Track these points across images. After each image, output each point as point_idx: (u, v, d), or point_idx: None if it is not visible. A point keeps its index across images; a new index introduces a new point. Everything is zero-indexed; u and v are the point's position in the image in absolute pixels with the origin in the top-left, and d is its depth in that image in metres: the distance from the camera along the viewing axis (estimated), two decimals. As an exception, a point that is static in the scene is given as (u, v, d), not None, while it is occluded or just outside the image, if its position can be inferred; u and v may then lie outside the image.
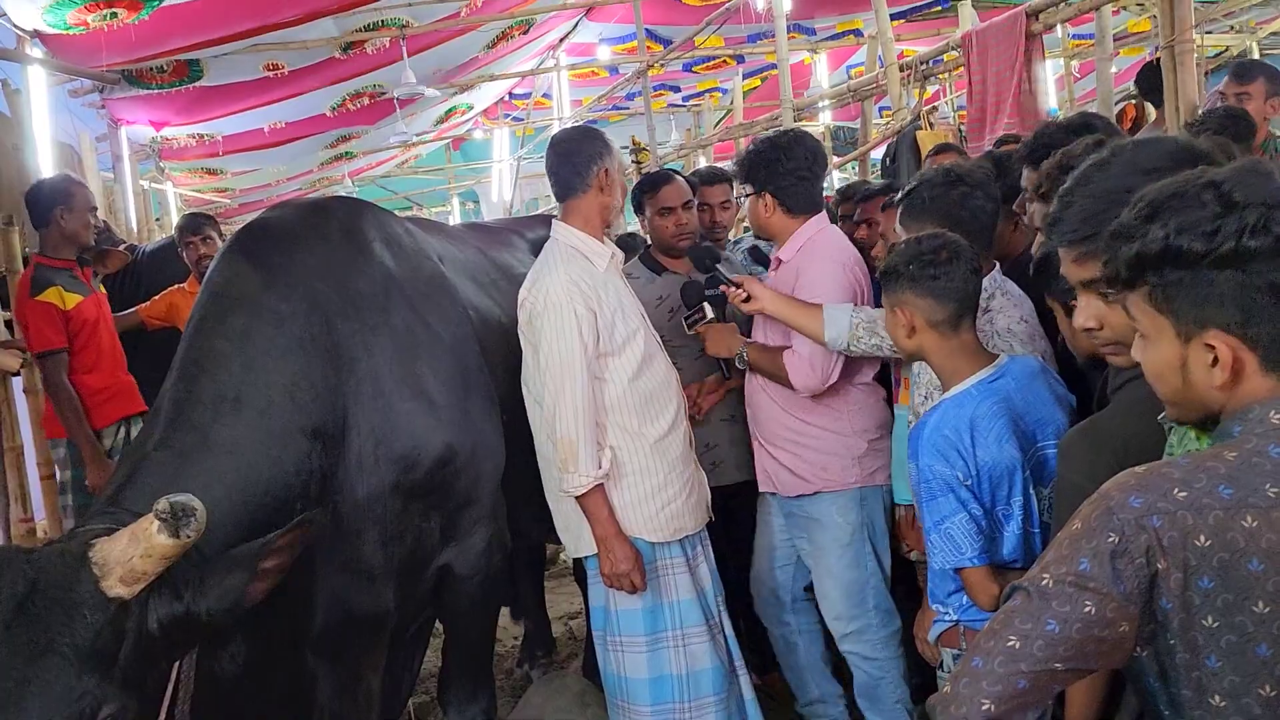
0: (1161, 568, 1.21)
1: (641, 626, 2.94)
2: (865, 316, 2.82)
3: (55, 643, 1.77)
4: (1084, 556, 1.23)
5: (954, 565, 2.14)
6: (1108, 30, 5.01)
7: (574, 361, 2.79)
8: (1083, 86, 10.73)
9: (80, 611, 1.81)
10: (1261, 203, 1.23)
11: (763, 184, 3.08)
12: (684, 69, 11.62)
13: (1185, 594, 1.21)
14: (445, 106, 11.49)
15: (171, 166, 9.94)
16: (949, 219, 2.50)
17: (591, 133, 3.08)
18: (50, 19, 6.06)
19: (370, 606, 2.68)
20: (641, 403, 2.94)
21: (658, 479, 2.94)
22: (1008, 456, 2.15)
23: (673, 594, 2.97)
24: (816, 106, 8.62)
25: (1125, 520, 1.23)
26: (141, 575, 1.84)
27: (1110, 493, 1.26)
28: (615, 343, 2.89)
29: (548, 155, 3.03)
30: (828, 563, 3.14)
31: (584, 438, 2.79)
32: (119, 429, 4.34)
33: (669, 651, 2.95)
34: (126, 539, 1.84)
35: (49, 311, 4.09)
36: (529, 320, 2.88)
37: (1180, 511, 1.21)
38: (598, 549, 2.88)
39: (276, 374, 2.50)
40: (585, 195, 2.95)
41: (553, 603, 4.88)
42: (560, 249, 2.95)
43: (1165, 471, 1.26)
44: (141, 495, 2.13)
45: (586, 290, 2.85)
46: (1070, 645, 1.22)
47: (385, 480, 2.65)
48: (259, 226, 2.87)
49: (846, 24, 10.55)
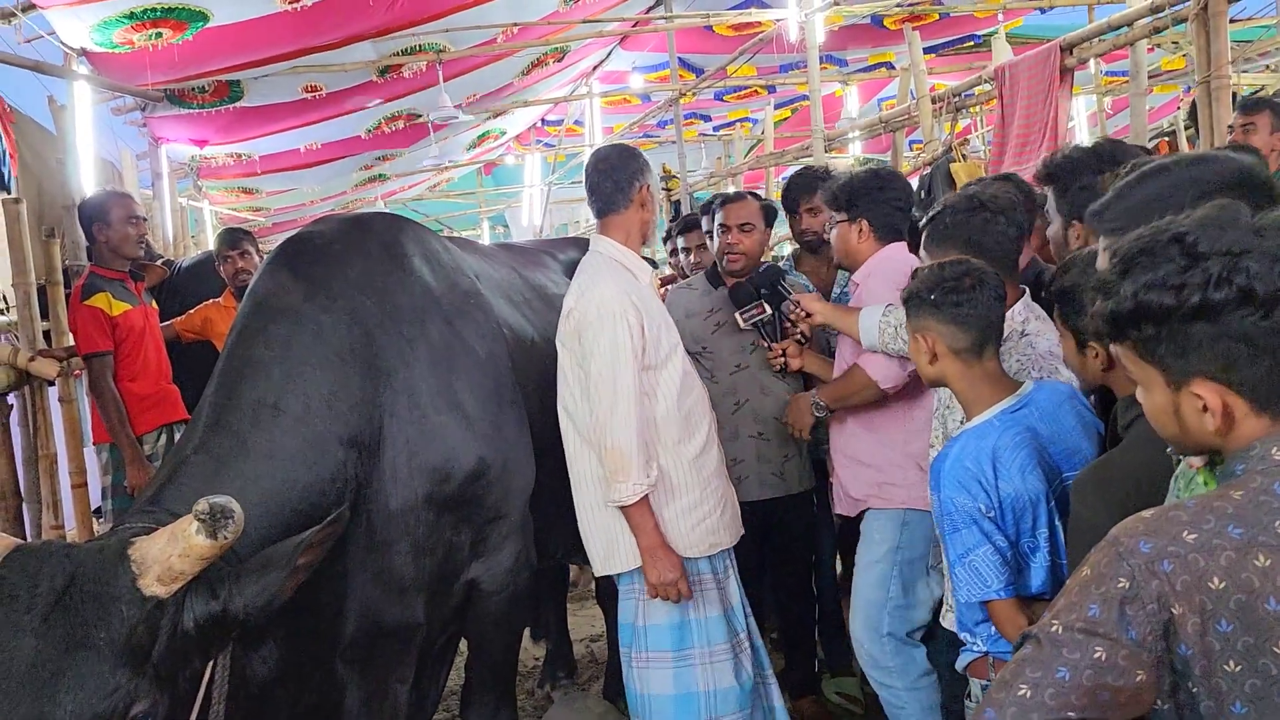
0: (1177, 613, 1.19)
1: (669, 642, 2.94)
2: (893, 319, 2.87)
3: (91, 637, 1.80)
4: (1093, 602, 1.22)
5: (980, 598, 2.11)
6: (1143, 65, 5.00)
7: (627, 370, 2.81)
8: (1115, 123, 10.70)
9: (116, 608, 1.83)
10: (1225, 252, 1.24)
11: (861, 211, 3.14)
12: (715, 98, 11.70)
13: (1204, 639, 1.19)
14: (478, 131, 11.62)
15: (209, 185, 10.09)
16: (971, 245, 2.50)
17: (632, 151, 3.13)
18: (97, 37, 6.20)
19: (400, 618, 2.70)
20: (683, 418, 2.96)
21: (695, 494, 2.96)
22: (1031, 488, 2.12)
23: (701, 610, 2.97)
24: (847, 138, 8.63)
25: (1135, 565, 1.21)
26: (179, 575, 1.86)
27: (1120, 538, 1.25)
28: (660, 355, 2.92)
29: (588, 170, 3.08)
30: (856, 577, 3.15)
31: (635, 445, 2.80)
32: (159, 435, 4.43)
33: (696, 669, 2.95)
34: (165, 538, 1.87)
35: (96, 316, 4.22)
36: (576, 331, 2.89)
37: (1191, 554, 1.19)
38: (643, 559, 2.86)
39: (315, 383, 2.53)
40: (626, 211, 3.01)
41: (575, 625, 4.87)
42: (604, 261, 2.99)
43: (1173, 515, 1.24)
44: (180, 496, 2.17)
45: (635, 301, 2.88)
46: (1082, 693, 1.20)
47: (418, 492, 2.67)
48: (302, 239, 2.92)
49: (878, 56, 10.61)
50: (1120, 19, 4.86)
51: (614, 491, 2.83)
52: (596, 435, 2.85)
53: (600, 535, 2.99)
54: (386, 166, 11.37)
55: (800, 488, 3.74)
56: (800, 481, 3.74)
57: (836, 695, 4.01)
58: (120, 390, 4.27)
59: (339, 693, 2.63)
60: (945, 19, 9.38)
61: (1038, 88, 5.24)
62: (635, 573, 2.94)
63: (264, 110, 8.13)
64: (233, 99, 7.73)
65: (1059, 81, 5.09)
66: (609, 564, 3.00)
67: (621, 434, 2.80)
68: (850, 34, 9.61)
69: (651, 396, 2.90)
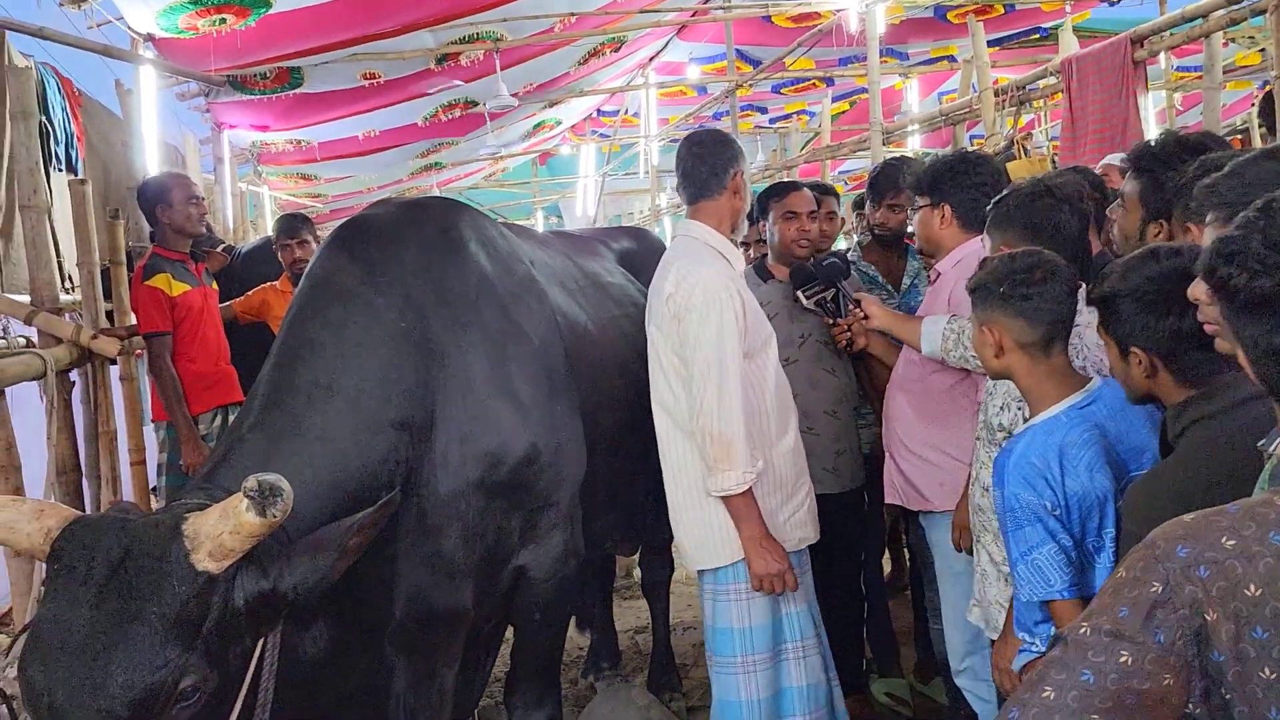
0: (1211, 619, 1.16)
1: (770, 641, 2.90)
2: (955, 327, 2.80)
3: (144, 610, 1.81)
4: (1124, 605, 1.20)
5: (1042, 598, 2.06)
6: (1217, 58, 4.85)
7: (733, 356, 2.76)
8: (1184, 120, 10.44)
9: (169, 582, 1.84)
10: None
11: (944, 196, 3.05)
12: (772, 90, 11.62)
13: (1239, 646, 1.16)
14: (534, 121, 11.65)
15: (269, 171, 10.25)
16: (1031, 230, 2.45)
17: (727, 137, 3.08)
18: (163, 23, 6.30)
19: (449, 603, 2.70)
20: (780, 410, 2.93)
21: (789, 488, 2.93)
22: (1099, 486, 2.06)
23: (791, 605, 2.94)
24: (906, 131, 8.51)
25: (1171, 569, 1.19)
26: (230, 551, 1.87)
27: (1157, 541, 1.22)
28: (756, 343, 2.88)
29: (682, 154, 3.03)
30: (944, 590, 3.08)
31: (741, 433, 2.75)
32: (215, 416, 4.49)
33: (789, 664, 2.92)
34: (218, 514, 1.88)
35: (156, 296, 4.30)
36: (676, 316, 2.83)
37: (1229, 560, 1.16)
38: (748, 550, 2.80)
39: (370, 364, 2.54)
40: (720, 197, 2.97)
41: (620, 616, 4.87)
42: (698, 247, 2.94)
43: (1214, 520, 1.21)
44: (234, 475, 2.18)
45: (735, 287, 2.85)
46: (1107, 697, 1.17)
47: (470, 476, 2.67)
48: (360, 222, 2.93)
49: (941, 50, 10.45)
50: (1195, 10, 4.72)
51: (720, 481, 2.77)
52: (701, 423, 2.78)
53: (695, 528, 2.92)
54: (443, 155, 11.45)
55: (852, 484, 3.69)
56: (852, 478, 3.68)
57: (885, 696, 3.95)
58: (178, 370, 4.34)
59: (386, 676, 2.63)
60: (1011, 11, 9.22)
61: (1110, 82, 5.11)
62: (733, 569, 2.88)
63: (323, 97, 8.22)
64: (293, 85, 7.83)
65: (1132, 75, 4.95)
66: (704, 558, 2.92)
67: (728, 421, 2.74)
68: (912, 27, 9.48)
69: (753, 387, 2.85)
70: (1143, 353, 1.89)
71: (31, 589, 3.28)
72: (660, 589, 4.28)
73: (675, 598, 4.65)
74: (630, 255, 4.06)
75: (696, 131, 3.20)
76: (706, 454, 2.79)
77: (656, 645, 4.24)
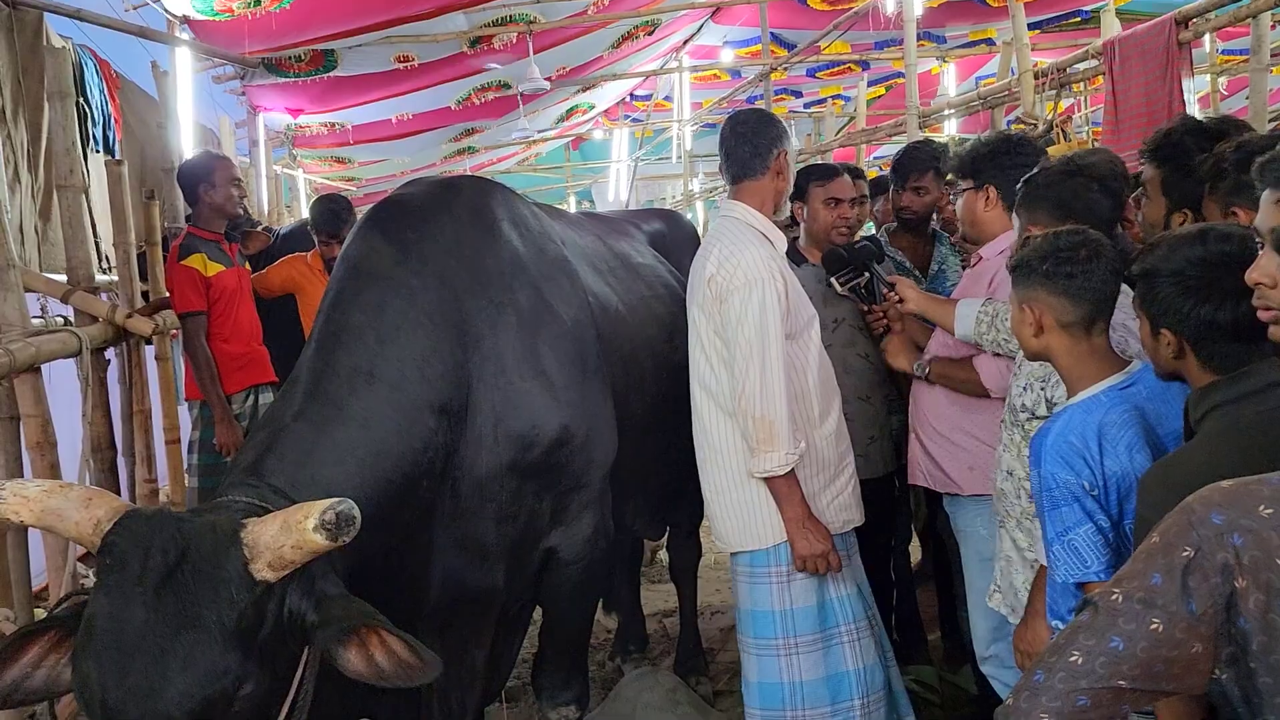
0: (1240, 586, 1.16)
1: (815, 623, 2.88)
2: (990, 311, 2.76)
3: (203, 618, 1.78)
4: (1157, 571, 1.19)
5: (1078, 579, 2.02)
6: (1265, 38, 4.71)
7: (776, 338, 2.75)
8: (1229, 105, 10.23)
9: (228, 589, 1.81)
10: None
11: (988, 177, 2.99)
12: (807, 74, 11.51)
13: (1267, 616, 1.15)
14: (567, 105, 11.63)
15: (303, 154, 10.31)
16: (1061, 208, 2.41)
17: (772, 116, 3.04)
18: (199, 5, 6.34)
19: (482, 584, 2.71)
20: (823, 392, 2.91)
21: (832, 470, 2.92)
22: (1138, 467, 2.01)
23: (841, 588, 2.92)
24: (942, 115, 8.39)
25: (1205, 536, 1.18)
26: (290, 563, 1.84)
27: (1193, 506, 1.21)
28: (799, 324, 2.86)
29: (725, 134, 2.99)
30: (970, 577, 3.04)
31: (784, 414, 2.74)
32: (248, 396, 4.50)
33: (843, 647, 2.90)
34: (279, 526, 1.84)
35: (191, 276, 4.30)
36: (719, 297, 2.81)
37: (1265, 530, 1.15)
38: (791, 531, 2.79)
39: (408, 348, 2.54)
40: (763, 177, 2.93)
41: (647, 600, 4.86)
42: (741, 228, 2.91)
43: (1253, 489, 1.20)
44: (280, 467, 2.18)
45: (777, 268, 2.83)
46: (1136, 664, 1.18)
47: (503, 459, 2.66)
48: (394, 203, 2.92)
49: (979, 33, 10.29)
50: (1242, -11, 4.60)
51: (763, 462, 2.76)
52: (743, 404, 2.76)
53: (736, 510, 2.90)
54: (476, 139, 11.46)
55: (884, 470, 3.65)
56: (885, 463, 3.65)
57: (914, 684, 3.92)
58: (212, 350, 4.36)
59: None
60: (1052, -7, 9.07)
61: (1154, 65, 4.98)
62: (772, 552, 2.86)
63: (357, 80, 8.25)
64: (327, 68, 7.86)
65: (1177, 57, 4.84)
66: (745, 539, 2.90)
67: (771, 402, 2.73)
68: (950, 10, 9.35)
69: (796, 369, 2.83)
70: (1172, 334, 1.86)
71: (66, 564, 3.32)
72: (688, 573, 4.26)
73: (703, 582, 4.64)
74: (660, 237, 4.04)
75: (740, 110, 3.16)
76: (749, 435, 2.77)
77: (684, 629, 4.23)
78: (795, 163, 3.05)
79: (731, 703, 3.85)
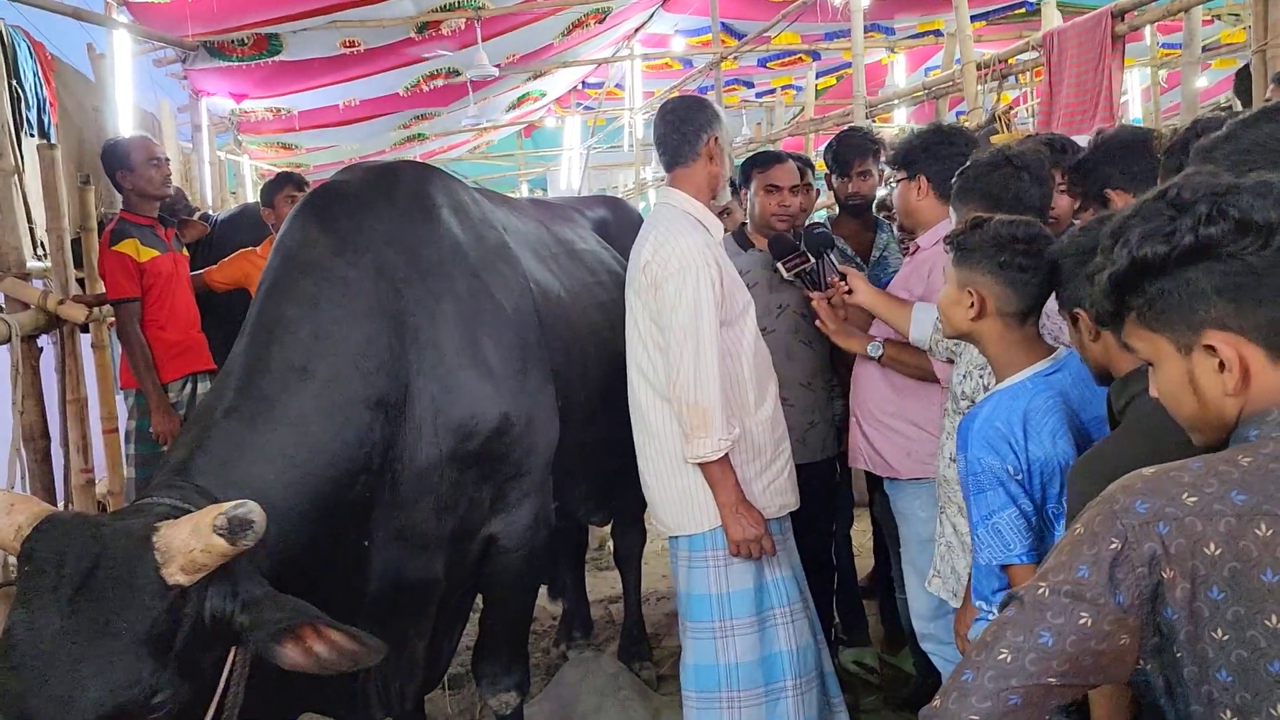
0: (1167, 577, 1.15)
1: (751, 606, 2.90)
2: None
3: (114, 624, 1.76)
4: (1083, 564, 1.18)
5: (1001, 562, 2.07)
6: (1196, 33, 4.84)
7: (709, 324, 2.76)
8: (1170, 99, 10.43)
9: (141, 596, 1.79)
10: (1210, 194, 1.23)
11: (920, 168, 3.03)
12: (758, 64, 11.54)
13: (1193, 604, 1.15)
14: (518, 93, 11.56)
15: (248, 140, 10.13)
16: (992, 200, 2.44)
17: (701, 102, 3.05)
18: (137, -14, 6.20)
19: (421, 574, 2.69)
20: (758, 379, 2.92)
21: (767, 456, 2.93)
22: (1061, 453, 2.07)
23: (776, 570, 2.95)
24: (890, 105, 8.47)
25: (1129, 525, 1.17)
26: (202, 566, 1.82)
27: (1116, 495, 1.20)
28: (734, 311, 2.87)
29: (656, 123, 3.01)
30: (910, 556, 3.09)
31: (717, 400, 2.75)
32: (185, 384, 4.43)
33: (778, 629, 2.93)
34: (189, 530, 1.82)
35: (124, 262, 4.22)
36: (654, 283, 2.81)
37: (1189, 518, 1.14)
38: (724, 516, 2.81)
39: (344, 343, 2.50)
40: (695, 164, 2.94)
41: (593, 586, 4.88)
42: (677, 214, 2.92)
43: (1175, 475, 1.19)
44: (209, 464, 2.15)
45: (712, 256, 2.83)
46: (1065, 659, 1.16)
47: (443, 449, 2.64)
48: (330, 190, 2.89)
49: (927, 24, 10.39)
50: (1176, -16, 4.70)
51: (696, 448, 2.77)
52: (677, 390, 2.78)
53: (674, 495, 2.92)
54: (425, 126, 11.34)
55: (823, 455, 3.69)
56: (823, 448, 3.68)
57: (854, 665, 3.98)
58: (148, 337, 4.28)
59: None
60: (996, -15, 9.18)
61: (1088, 56, 5.09)
62: (709, 536, 2.88)
63: (302, 65, 8.12)
64: (271, 53, 7.73)
65: (1110, 49, 4.93)
66: (683, 523, 2.92)
67: (705, 388, 2.74)
68: (899, 2, 9.43)
69: (731, 355, 2.85)
70: (1084, 314, 1.89)
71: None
72: (632, 559, 4.28)
73: (648, 568, 4.66)
74: (605, 224, 4.04)
75: (671, 99, 3.17)
76: (683, 421, 2.79)
77: (628, 615, 4.25)
78: (731, 147, 3.06)
79: (674, 687, 3.84)
